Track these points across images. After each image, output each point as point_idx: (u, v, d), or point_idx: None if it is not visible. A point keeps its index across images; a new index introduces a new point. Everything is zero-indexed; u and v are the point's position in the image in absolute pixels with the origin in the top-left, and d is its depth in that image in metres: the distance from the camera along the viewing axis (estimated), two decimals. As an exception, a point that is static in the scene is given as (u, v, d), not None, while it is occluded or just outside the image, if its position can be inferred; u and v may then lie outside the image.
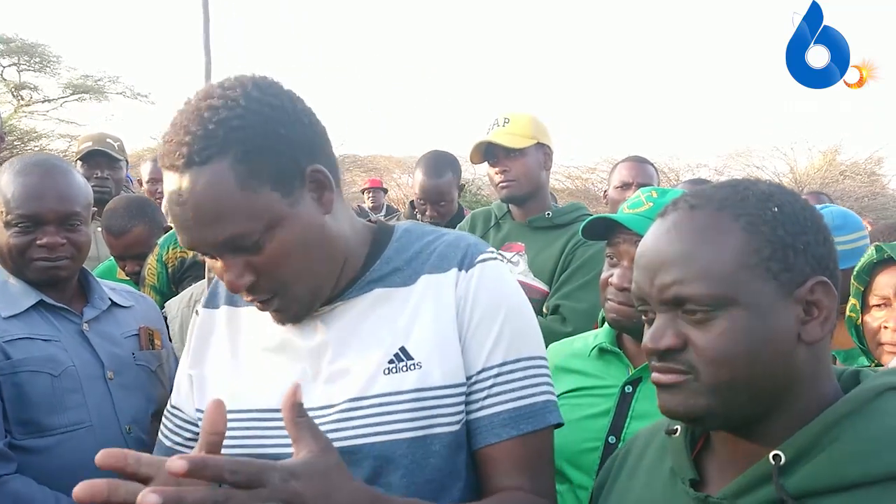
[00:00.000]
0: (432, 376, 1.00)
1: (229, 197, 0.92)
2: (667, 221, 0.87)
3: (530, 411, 1.03)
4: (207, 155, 0.91)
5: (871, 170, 13.93)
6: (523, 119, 2.46)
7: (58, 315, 1.63)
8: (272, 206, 0.94)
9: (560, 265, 2.36)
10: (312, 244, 0.99)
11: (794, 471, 0.80)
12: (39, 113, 14.50)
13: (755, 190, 0.86)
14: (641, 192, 1.56)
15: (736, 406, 0.82)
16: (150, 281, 2.40)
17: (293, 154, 0.96)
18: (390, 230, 1.11)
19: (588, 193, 13.80)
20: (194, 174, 0.91)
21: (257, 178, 0.93)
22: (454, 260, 1.05)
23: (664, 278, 0.83)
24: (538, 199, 2.49)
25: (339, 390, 1.02)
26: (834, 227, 2.03)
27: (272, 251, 0.95)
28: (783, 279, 0.81)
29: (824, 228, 0.86)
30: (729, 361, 0.81)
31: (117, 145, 3.35)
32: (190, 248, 0.99)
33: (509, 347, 1.04)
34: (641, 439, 1.05)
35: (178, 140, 0.92)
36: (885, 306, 1.57)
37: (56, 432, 1.52)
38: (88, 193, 1.69)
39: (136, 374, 1.69)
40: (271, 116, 0.94)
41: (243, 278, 0.96)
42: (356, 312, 1.05)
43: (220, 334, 1.13)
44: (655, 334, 0.84)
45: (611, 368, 1.49)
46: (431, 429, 1.00)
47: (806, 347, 0.82)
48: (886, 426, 0.79)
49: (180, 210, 0.94)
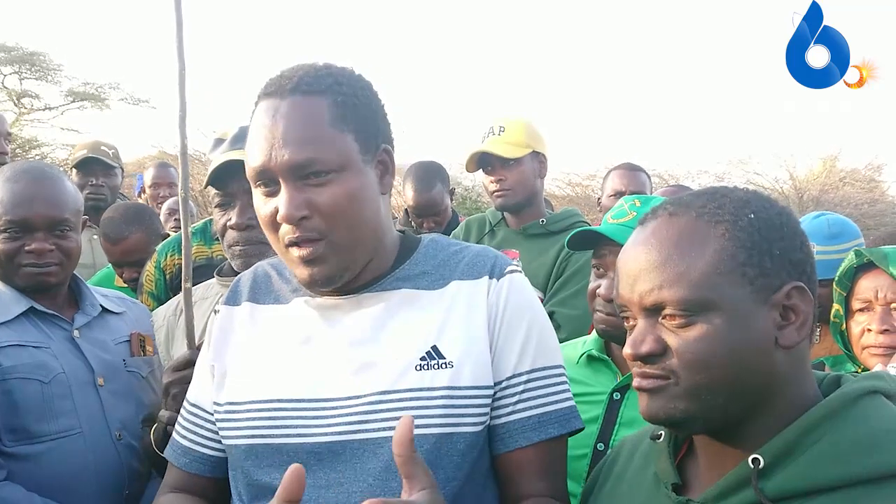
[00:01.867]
0: (463, 376, 1.03)
1: (319, 125, 1.01)
2: (646, 229, 0.88)
3: (557, 416, 1.08)
4: (312, 90, 1.02)
5: (870, 176, 13.94)
6: (518, 127, 2.47)
7: (48, 322, 1.63)
8: (350, 151, 1.03)
9: (554, 272, 2.36)
10: (367, 207, 1.05)
11: (773, 474, 0.80)
12: (41, 121, 14.57)
13: (732, 197, 0.87)
14: (625, 200, 1.56)
15: (715, 409, 0.83)
16: (149, 288, 2.40)
17: (376, 127, 1.08)
18: (417, 239, 1.16)
19: (588, 200, 13.81)
20: (296, 100, 1.02)
21: (346, 123, 1.03)
22: (485, 269, 1.10)
23: (644, 285, 0.84)
24: (533, 206, 2.51)
25: (367, 382, 1.04)
26: (831, 235, 2.04)
27: (334, 192, 1.01)
28: (759, 284, 0.82)
29: (801, 234, 0.87)
30: (707, 365, 0.81)
31: (112, 152, 3.36)
32: (258, 171, 1.03)
33: (536, 355, 1.08)
34: (628, 445, 1.06)
35: (289, 74, 1.04)
36: (868, 310, 1.57)
37: (46, 439, 1.51)
38: (78, 200, 1.69)
39: (127, 381, 1.68)
40: (368, 94, 1.08)
41: (300, 210, 1.01)
42: (383, 308, 1.08)
43: (243, 329, 1.15)
44: (636, 340, 0.85)
45: (599, 376, 1.49)
46: (458, 427, 1.03)
47: (784, 352, 0.83)
48: (865, 430, 0.80)
49: (269, 128, 1.01)
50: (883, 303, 1.55)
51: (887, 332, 1.53)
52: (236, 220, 1.55)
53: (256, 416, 1.07)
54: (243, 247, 1.54)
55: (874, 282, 1.56)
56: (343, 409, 1.03)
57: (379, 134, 1.08)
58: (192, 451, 1.17)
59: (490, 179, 2.47)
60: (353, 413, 1.03)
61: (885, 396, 0.84)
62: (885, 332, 1.53)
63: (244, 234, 1.56)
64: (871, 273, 1.57)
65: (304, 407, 1.05)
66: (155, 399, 1.74)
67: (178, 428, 1.20)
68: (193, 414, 1.18)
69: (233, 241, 1.58)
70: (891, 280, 1.53)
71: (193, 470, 1.16)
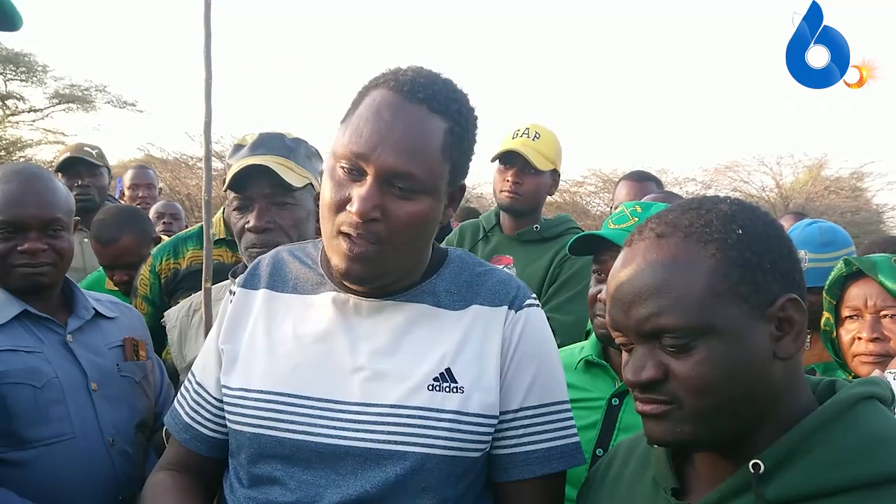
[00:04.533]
0: (471, 403, 1.05)
1: (430, 146, 1.02)
2: (635, 252, 0.87)
3: (562, 452, 1.10)
4: (440, 109, 1.03)
5: (854, 185, 14.12)
6: (551, 140, 2.50)
7: (41, 326, 1.61)
8: (442, 180, 1.05)
9: (548, 278, 2.38)
10: (430, 231, 1.08)
11: (774, 479, 0.81)
12: (26, 123, 14.42)
13: (718, 212, 0.86)
14: (625, 206, 1.57)
15: (721, 429, 0.84)
16: (143, 292, 2.39)
17: (468, 163, 1.10)
18: (445, 251, 1.18)
19: (576, 206, 13.88)
20: (422, 111, 1.02)
21: (451, 154, 1.05)
22: (506, 298, 1.11)
23: (640, 311, 0.84)
24: (532, 216, 2.53)
25: (380, 392, 1.05)
26: (823, 242, 2.06)
27: (412, 209, 1.02)
28: (754, 301, 0.82)
29: (787, 241, 0.87)
30: (710, 388, 0.82)
31: (96, 152, 3.30)
32: (355, 155, 1.01)
33: (545, 391, 1.11)
34: (623, 449, 1.07)
35: (424, 83, 1.03)
36: (858, 318, 1.59)
37: (38, 444, 1.50)
38: (70, 201, 1.68)
39: (120, 386, 1.67)
40: (475, 131, 1.10)
41: (375, 211, 1.01)
42: (403, 320, 1.09)
43: (258, 314, 1.14)
44: (636, 367, 0.85)
45: (597, 381, 1.50)
46: (461, 452, 1.05)
47: (781, 363, 0.84)
48: (862, 434, 0.81)
49: (387, 123, 1.01)
50: (873, 311, 1.56)
51: (877, 341, 1.55)
52: (254, 223, 1.59)
53: (266, 406, 1.08)
54: (260, 249, 1.56)
55: (863, 290, 1.58)
56: (352, 415, 1.04)
57: (466, 170, 1.11)
58: (192, 429, 1.19)
59: (506, 177, 2.48)
60: (362, 421, 1.04)
61: (880, 401, 0.86)
62: (876, 341, 1.55)
63: (262, 237, 1.59)
64: (861, 281, 1.59)
65: (313, 405, 1.06)
66: (148, 404, 1.74)
67: (181, 401, 1.22)
68: (198, 393, 1.19)
69: (250, 243, 1.61)
70: (880, 288, 1.55)
71: (192, 447, 1.18)
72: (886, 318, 1.55)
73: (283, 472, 1.06)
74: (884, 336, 1.54)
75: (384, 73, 1.06)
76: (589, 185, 14.45)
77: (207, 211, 1.51)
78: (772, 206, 13.71)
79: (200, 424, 1.18)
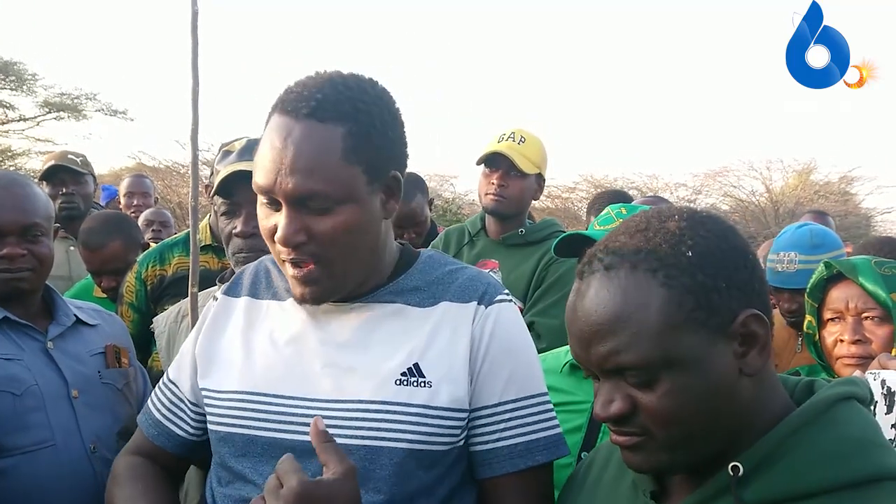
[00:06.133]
0: (439, 397, 1.06)
1: (329, 158, 1.00)
2: (587, 286, 0.85)
3: (545, 443, 1.10)
4: (329, 116, 1.00)
5: (843, 189, 14.22)
6: (536, 145, 2.51)
7: (21, 333, 1.60)
8: (357, 184, 1.02)
9: (534, 282, 2.38)
10: (367, 234, 1.06)
11: (752, 481, 0.81)
12: (16, 132, 14.35)
13: (666, 233, 0.83)
14: (611, 209, 1.58)
15: (697, 453, 0.84)
16: (129, 299, 2.38)
17: (388, 155, 1.06)
18: (416, 253, 1.19)
19: (567, 212, 13.90)
20: (311, 126, 1.00)
21: (357, 156, 1.01)
22: (475, 294, 1.11)
23: (599, 349, 0.82)
24: (517, 220, 2.53)
25: (348, 388, 1.06)
26: (813, 245, 2.07)
27: (334, 223, 1.02)
28: (713, 323, 0.80)
29: (741, 249, 0.85)
30: (679, 419, 0.81)
31: (80, 160, 3.27)
32: (263, 190, 1.03)
33: (522, 385, 1.11)
34: (603, 452, 1.06)
35: (309, 94, 1.02)
36: (840, 320, 1.59)
37: (17, 452, 1.48)
38: (49, 207, 1.68)
39: (102, 393, 1.65)
40: (388, 119, 1.06)
41: (298, 235, 1.02)
42: (373, 318, 1.10)
43: (237, 321, 1.17)
44: (604, 402, 0.84)
45: (582, 384, 1.49)
46: (428, 445, 1.05)
47: (749, 379, 0.83)
48: (840, 436, 0.81)
49: (279, 151, 1.00)
50: (854, 313, 1.57)
51: (859, 343, 1.55)
52: (241, 229, 1.60)
53: (237, 405, 1.10)
54: (247, 254, 1.58)
55: (844, 292, 1.58)
56: (321, 412, 1.05)
57: (391, 161, 1.07)
58: (161, 425, 1.22)
59: (490, 180, 2.48)
60: (331, 417, 1.05)
61: (858, 401, 0.86)
62: (857, 343, 1.55)
63: (248, 242, 1.60)
64: (842, 284, 1.59)
65: (283, 403, 1.08)
66: (130, 412, 1.72)
67: (154, 399, 1.25)
68: (171, 391, 1.23)
69: (237, 248, 1.63)
70: (861, 290, 1.55)
71: (159, 443, 1.22)
72: (867, 320, 1.55)
73: (253, 469, 1.08)
74: (865, 338, 1.55)
75: (279, 95, 1.06)
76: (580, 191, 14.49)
77: (194, 217, 1.53)
78: (762, 211, 13.79)
79: (170, 422, 1.21)
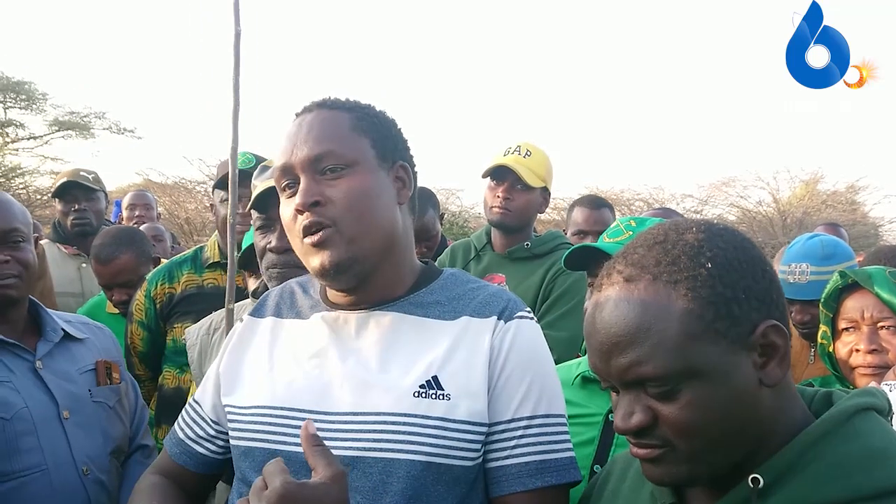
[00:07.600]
0: (458, 410, 1.05)
1: (339, 127, 1.11)
2: (607, 298, 0.85)
3: (555, 465, 1.09)
4: (337, 106, 1.14)
5: (850, 199, 14.16)
6: (542, 159, 2.52)
7: (9, 353, 1.57)
8: (365, 151, 1.11)
9: (541, 295, 2.38)
10: (379, 205, 1.11)
11: (773, 493, 0.81)
12: (25, 150, 14.49)
13: (684, 245, 0.83)
14: (620, 221, 1.58)
15: (717, 464, 0.83)
16: (138, 317, 2.38)
17: (393, 142, 1.16)
18: (439, 270, 1.21)
19: (574, 225, 13.89)
20: (321, 111, 1.14)
21: (364, 131, 1.12)
22: (496, 309, 1.13)
23: (619, 361, 0.82)
24: (522, 233, 2.53)
25: (368, 401, 1.07)
26: (824, 256, 2.06)
27: (348, 185, 1.08)
28: (733, 334, 0.80)
29: (759, 260, 0.85)
30: (701, 430, 0.81)
31: (92, 177, 3.31)
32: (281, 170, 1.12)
33: (538, 403, 1.10)
34: (620, 464, 1.05)
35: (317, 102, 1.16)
36: (855, 330, 1.58)
37: (8, 479, 1.45)
38: (26, 214, 1.69)
39: (94, 412, 1.63)
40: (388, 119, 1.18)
41: (314, 196, 1.07)
42: (392, 330, 1.11)
43: (262, 340, 1.21)
44: (624, 415, 0.83)
45: (594, 397, 1.49)
46: (447, 459, 1.04)
47: (769, 389, 0.83)
48: (860, 447, 0.80)
49: (294, 133, 1.12)
50: (869, 322, 1.56)
51: (875, 352, 1.54)
52: (276, 244, 1.62)
53: (258, 419, 1.12)
54: (281, 269, 1.59)
55: (860, 302, 1.57)
56: (340, 425, 1.06)
57: (396, 150, 1.15)
58: (184, 444, 1.25)
59: (496, 193, 2.49)
60: (350, 430, 1.06)
61: (877, 412, 0.85)
62: (874, 352, 1.54)
63: (282, 258, 1.62)
64: (857, 293, 1.59)
65: (304, 417, 1.06)
66: (123, 429, 1.70)
67: (179, 419, 1.29)
68: (195, 410, 1.26)
69: (271, 263, 1.64)
70: (876, 300, 1.55)
71: (181, 462, 1.25)
72: (883, 329, 1.54)
73: None
74: (881, 347, 1.54)
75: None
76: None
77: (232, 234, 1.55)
78: (769, 221, 13.74)
79: (193, 441, 1.24)
